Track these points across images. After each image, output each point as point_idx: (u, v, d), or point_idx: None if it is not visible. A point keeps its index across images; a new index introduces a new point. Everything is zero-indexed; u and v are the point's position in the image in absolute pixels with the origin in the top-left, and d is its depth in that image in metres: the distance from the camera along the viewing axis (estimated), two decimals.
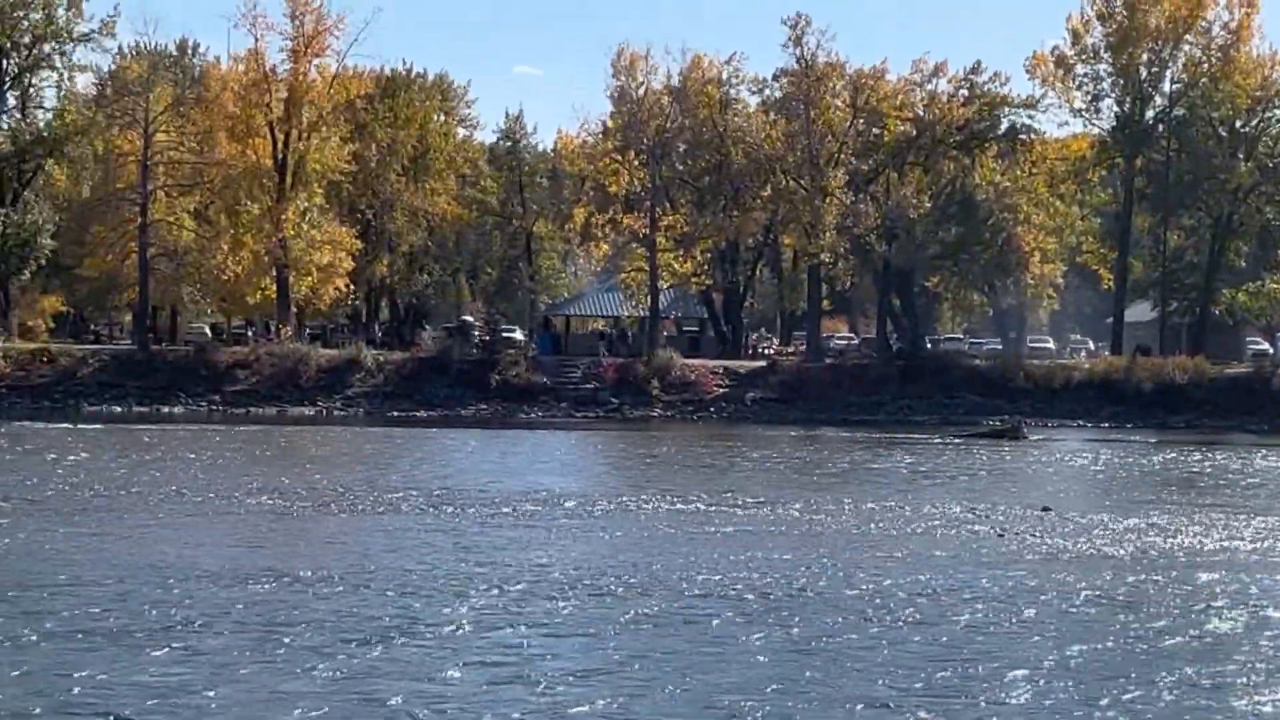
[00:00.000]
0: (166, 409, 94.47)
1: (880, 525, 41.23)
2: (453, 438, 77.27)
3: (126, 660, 22.93)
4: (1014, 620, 27.45)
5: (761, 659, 23.90)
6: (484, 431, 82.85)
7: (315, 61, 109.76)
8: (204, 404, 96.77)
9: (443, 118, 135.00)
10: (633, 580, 30.92)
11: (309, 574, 30.89)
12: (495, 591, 29.36)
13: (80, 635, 24.51)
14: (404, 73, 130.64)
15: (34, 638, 24.30)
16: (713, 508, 44.65)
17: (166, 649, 23.68)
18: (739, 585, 30.45)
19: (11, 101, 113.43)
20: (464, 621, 26.31)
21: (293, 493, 47.11)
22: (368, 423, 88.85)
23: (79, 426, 79.20)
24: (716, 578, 31.30)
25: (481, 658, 23.62)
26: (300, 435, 77.14)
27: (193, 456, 61.13)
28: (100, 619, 25.81)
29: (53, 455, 60.10)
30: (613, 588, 30.05)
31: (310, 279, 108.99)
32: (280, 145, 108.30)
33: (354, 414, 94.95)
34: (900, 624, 26.94)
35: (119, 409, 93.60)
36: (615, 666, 23.19)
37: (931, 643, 25.37)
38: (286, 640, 24.50)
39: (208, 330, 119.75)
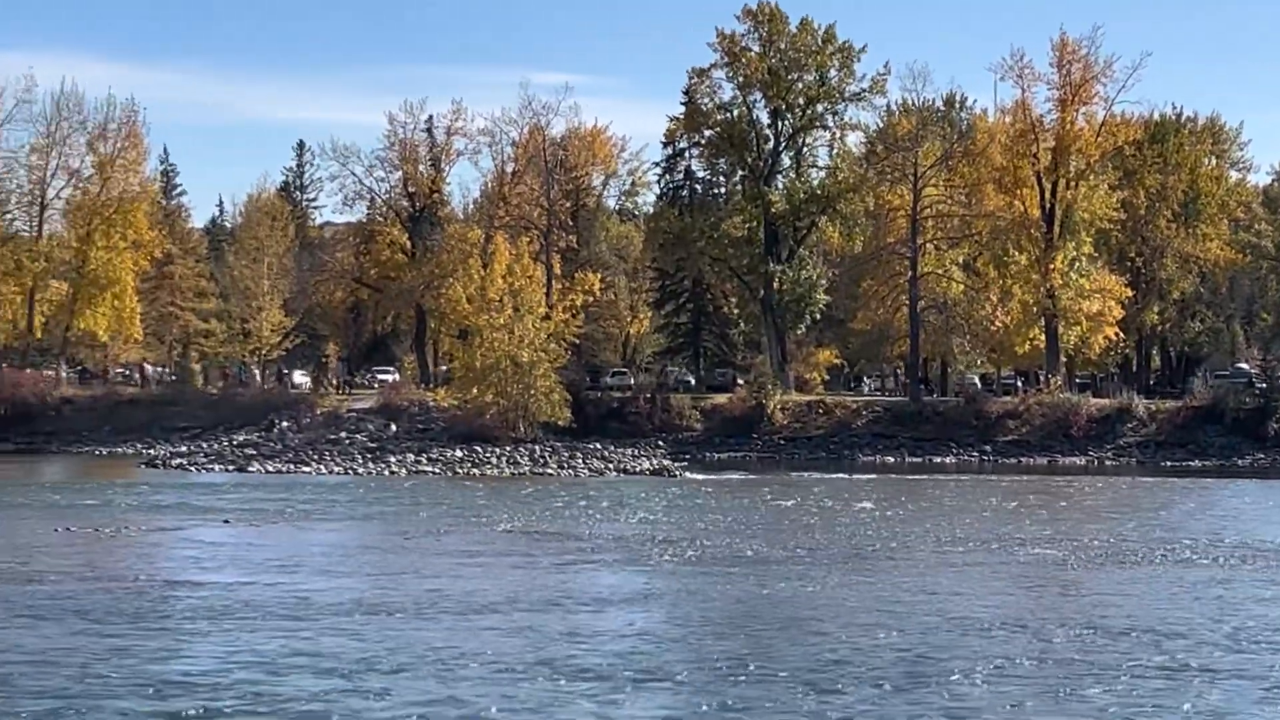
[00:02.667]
0: (938, 459, 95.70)
1: None
2: (1227, 488, 74.92)
3: (882, 704, 23.35)
4: None
5: None
6: (1261, 482, 79.89)
7: (1082, 109, 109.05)
8: (975, 454, 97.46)
9: (1214, 161, 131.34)
10: None
11: (1075, 623, 30.63)
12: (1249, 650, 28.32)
13: (857, 681, 25.09)
14: (1173, 116, 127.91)
15: (820, 682, 25.06)
16: None
17: (930, 694, 23.94)
18: None
19: (786, 161, 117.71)
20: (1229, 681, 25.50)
21: (1064, 543, 46.84)
22: (1139, 473, 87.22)
23: (854, 476, 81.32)
24: None
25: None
26: (1072, 485, 76.50)
27: (966, 506, 61.70)
28: (858, 662, 26.35)
29: (831, 504, 61.97)
30: None
31: (1079, 328, 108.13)
32: (1047, 195, 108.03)
33: (1125, 464, 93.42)
34: None
35: (891, 459, 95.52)
36: None
37: None
38: (1054, 679, 24.36)
39: (977, 381, 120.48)
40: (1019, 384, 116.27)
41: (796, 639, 29.17)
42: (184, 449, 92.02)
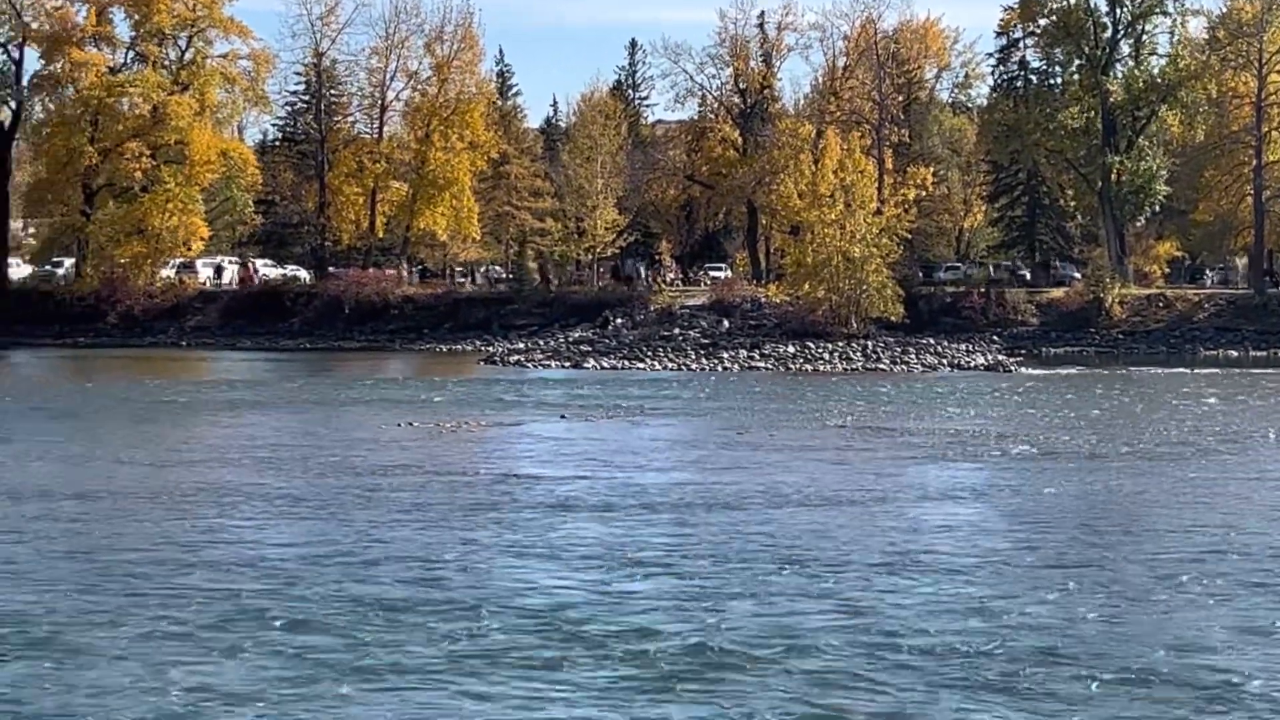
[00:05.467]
0: None
1: None
2: None
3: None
4: None
5: None
6: None
7: None
8: None
9: None
10: None
11: None
12: None
13: (1195, 579, 24.52)
14: None
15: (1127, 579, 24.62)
16: None
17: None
18: None
19: (1125, 49, 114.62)
20: None
21: None
22: None
23: (1195, 371, 79.47)
24: None
25: None
26: None
27: None
28: (1197, 559, 25.74)
29: (1171, 399, 60.67)
30: None
31: None
32: None
33: None
34: None
35: (1234, 353, 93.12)
36: None
37: None
38: None
39: None
40: None
41: (1133, 535, 28.67)
42: (521, 345, 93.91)
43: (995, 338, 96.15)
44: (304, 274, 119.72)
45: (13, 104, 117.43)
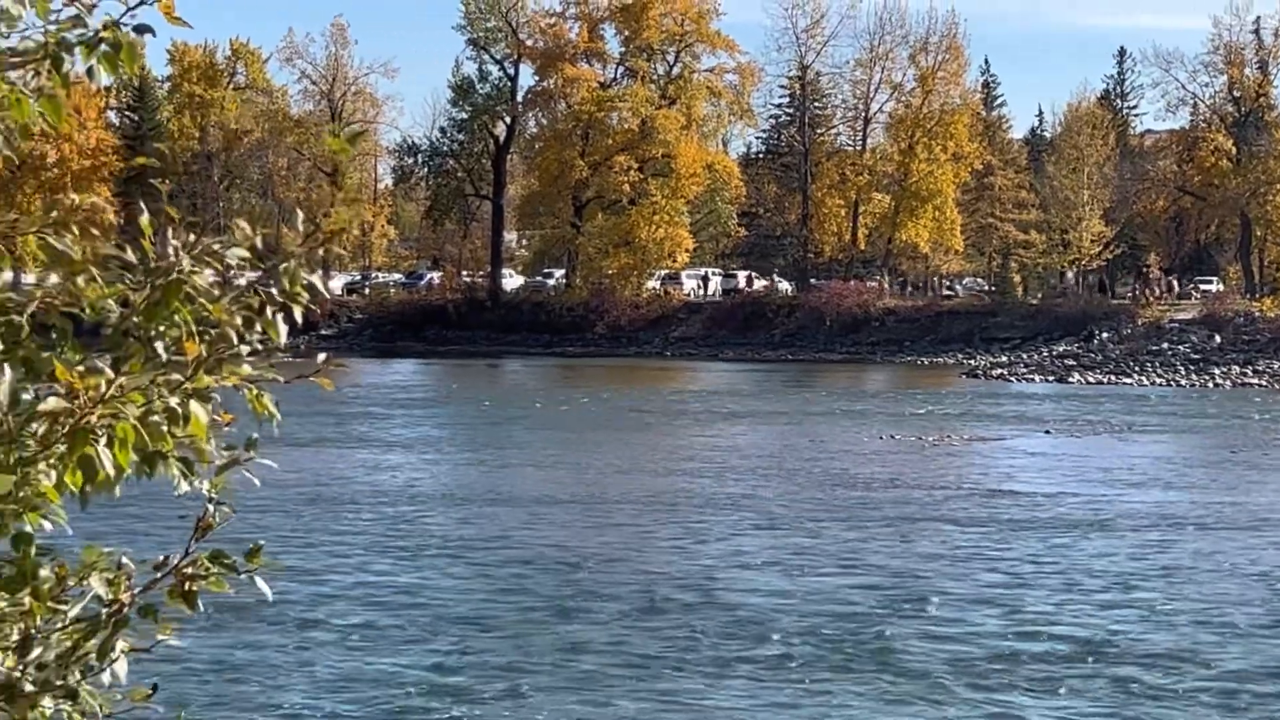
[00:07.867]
0: None
1: None
2: None
3: None
4: None
5: None
6: None
7: None
8: None
9: None
10: None
11: None
12: None
13: None
14: None
15: None
16: None
17: None
18: None
19: None
20: None
21: None
22: None
23: None
24: None
25: None
26: None
27: None
28: None
29: None
30: None
31: None
32: None
33: None
34: None
35: None
36: None
37: None
38: None
39: None
40: None
41: None
42: (1004, 359, 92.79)
43: None
44: (786, 285, 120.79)
45: (508, 119, 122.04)
